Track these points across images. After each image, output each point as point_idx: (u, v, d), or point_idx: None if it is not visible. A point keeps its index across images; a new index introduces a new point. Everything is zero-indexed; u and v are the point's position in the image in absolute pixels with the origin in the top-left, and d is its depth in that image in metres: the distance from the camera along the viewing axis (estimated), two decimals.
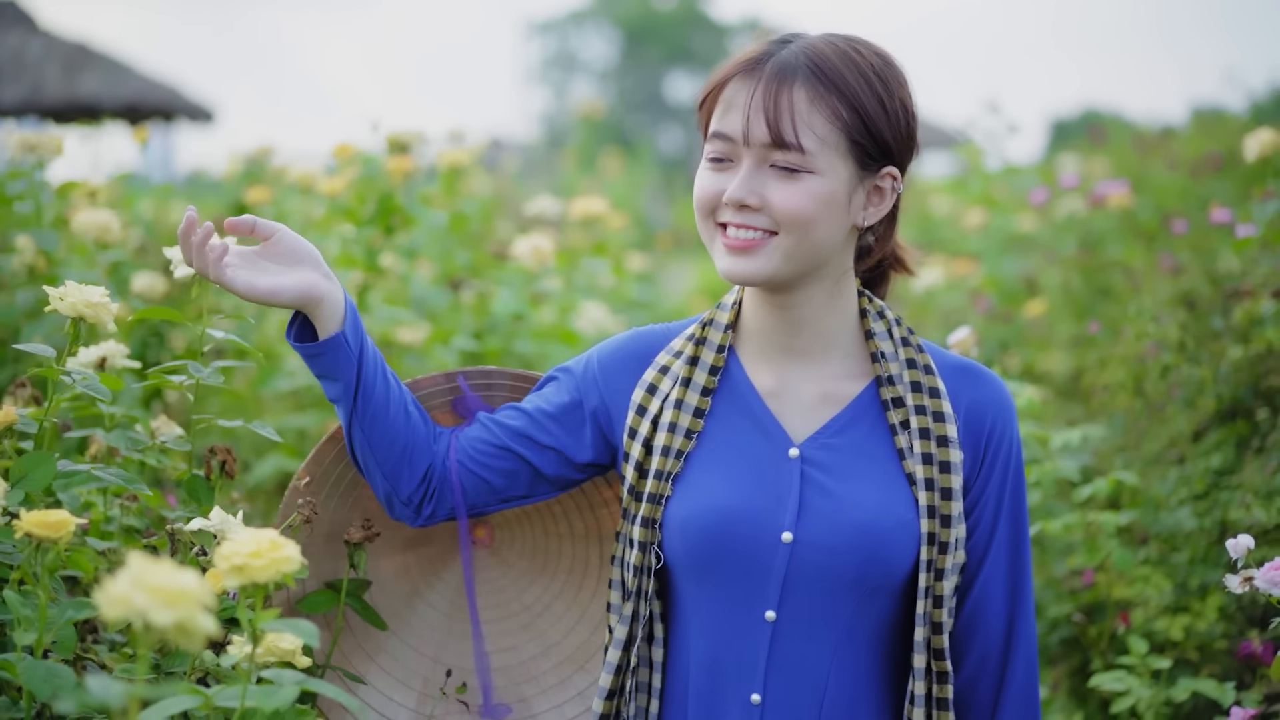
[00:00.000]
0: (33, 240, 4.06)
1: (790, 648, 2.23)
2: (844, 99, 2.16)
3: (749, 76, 2.18)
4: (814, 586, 2.21)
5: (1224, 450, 4.02)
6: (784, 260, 2.19)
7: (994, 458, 2.26)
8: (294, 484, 2.51)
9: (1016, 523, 2.29)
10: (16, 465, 2.37)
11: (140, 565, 1.48)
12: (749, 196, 2.17)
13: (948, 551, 2.20)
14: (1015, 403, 3.82)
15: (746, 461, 2.29)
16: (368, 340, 2.34)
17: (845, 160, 2.18)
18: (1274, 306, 3.99)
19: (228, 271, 2.22)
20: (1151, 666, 3.40)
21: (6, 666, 2.02)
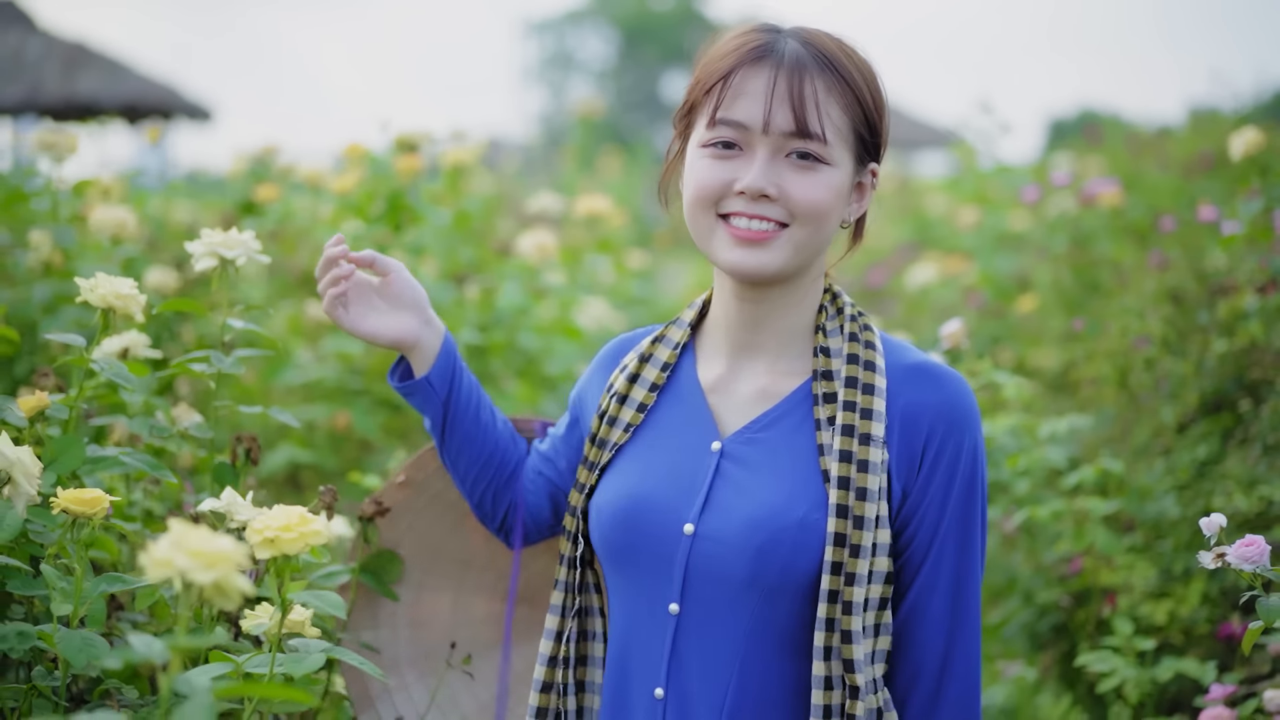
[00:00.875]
0: (49, 236, 4.16)
1: (694, 643, 2.17)
2: (852, 92, 2.16)
3: (761, 65, 2.15)
4: (712, 581, 2.15)
5: (1209, 441, 4.13)
6: (794, 253, 2.17)
7: (935, 465, 2.15)
8: (389, 483, 2.64)
9: (963, 537, 2.17)
10: (48, 449, 2.48)
11: (181, 530, 1.60)
12: (769, 186, 2.13)
13: (860, 555, 2.09)
14: (1000, 396, 3.94)
15: (670, 454, 2.26)
16: (462, 381, 2.49)
17: (850, 154, 2.18)
18: (1258, 302, 4.09)
19: (339, 308, 2.42)
20: (1136, 648, 3.51)
21: (44, 637, 2.13)
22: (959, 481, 2.16)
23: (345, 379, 4.82)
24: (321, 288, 2.42)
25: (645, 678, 2.20)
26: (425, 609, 2.69)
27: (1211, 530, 2.36)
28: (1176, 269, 4.75)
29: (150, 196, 6.64)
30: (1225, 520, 2.36)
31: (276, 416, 2.81)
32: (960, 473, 2.16)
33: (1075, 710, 3.92)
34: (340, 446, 4.75)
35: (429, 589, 2.69)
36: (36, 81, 16.68)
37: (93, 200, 4.53)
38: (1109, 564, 3.92)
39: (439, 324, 2.48)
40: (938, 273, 7.14)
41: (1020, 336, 6.33)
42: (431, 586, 2.69)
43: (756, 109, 2.13)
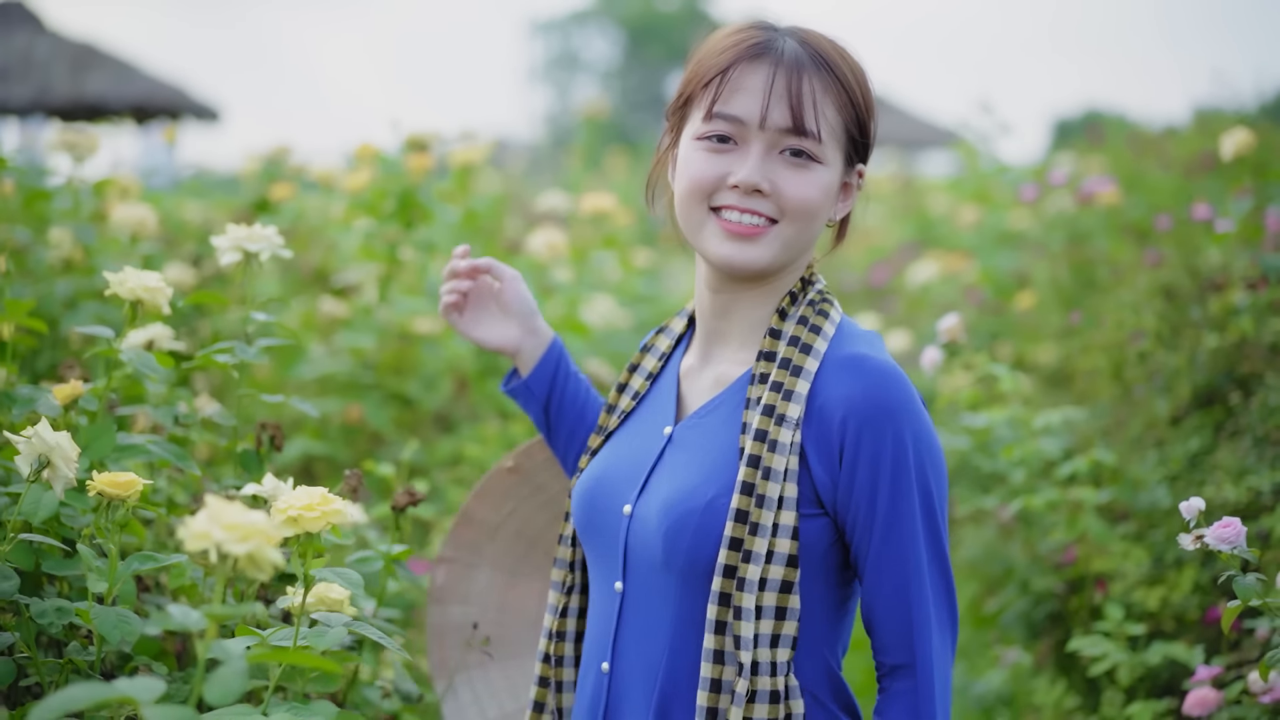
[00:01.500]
0: (70, 234, 4.27)
1: (634, 620, 2.22)
2: (846, 92, 2.18)
3: (759, 61, 2.17)
4: (643, 562, 2.20)
5: (1201, 434, 4.23)
6: (782, 249, 2.19)
7: (855, 459, 2.10)
8: (499, 465, 2.77)
9: (903, 533, 2.11)
10: (80, 437, 2.59)
11: (217, 505, 1.71)
12: (763, 181, 2.15)
13: (759, 534, 2.08)
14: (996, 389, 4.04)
15: (634, 439, 2.34)
16: (565, 385, 2.63)
17: (840, 154, 2.21)
18: (1249, 298, 4.19)
19: (454, 312, 2.64)
20: (1127, 633, 3.62)
21: (81, 614, 2.24)
22: (885, 476, 2.10)
23: (358, 373, 4.93)
24: (441, 291, 2.62)
25: (597, 652, 2.28)
26: (515, 594, 2.79)
27: (1191, 514, 2.47)
28: (1171, 266, 4.86)
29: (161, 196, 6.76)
30: (1204, 504, 2.46)
31: (297, 406, 2.92)
32: (886, 468, 2.10)
33: (1069, 694, 4.03)
34: (353, 439, 4.86)
35: (522, 576, 2.79)
36: (45, 82, 16.77)
37: (112, 199, 4.64)
38: (1103, 552, 4.03)
39: (546, 332, 2.64)
40: (938, 271, 7.26)
41: (1019, 332, 6.44)
42: (524, 574, 2.79)
43: (754, 104, 2.15)
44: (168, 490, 3.02)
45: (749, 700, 2.08)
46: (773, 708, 2.08)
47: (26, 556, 2.39)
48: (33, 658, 2.31)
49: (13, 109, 16.65)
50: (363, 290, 5.27)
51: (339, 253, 5.58)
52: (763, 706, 2.08)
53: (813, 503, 2.13)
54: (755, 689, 2.08)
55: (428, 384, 5.08)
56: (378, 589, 2.88)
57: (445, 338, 5.09)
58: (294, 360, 4.82)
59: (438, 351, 5.10)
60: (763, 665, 2.08)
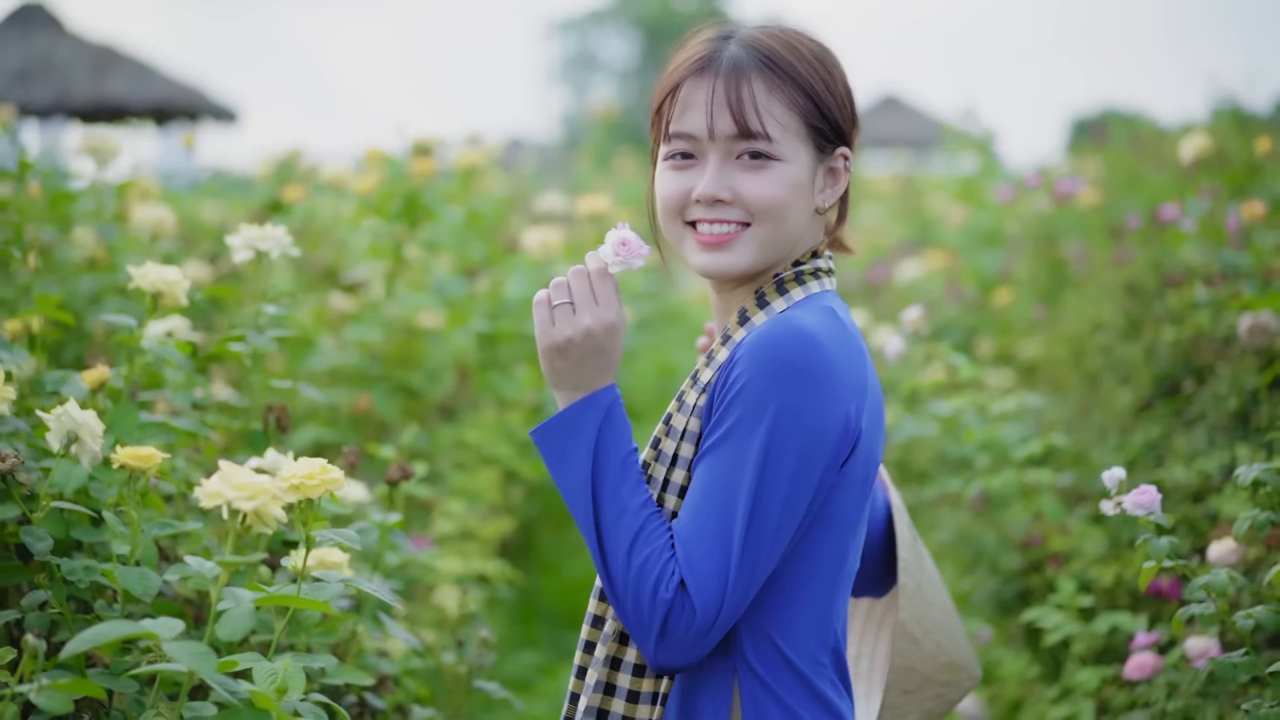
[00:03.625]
0: (94, 233, 4.55)
1: None
2: (797, 86, 2.18)
3: (703, 75, 2.20)
4: None
5: (1163, 422, 4.48)
6: (760, 250, 2.20)
7: (725, 393, 2.09)
8: None
9: (721, 461, 2.07)
10: (105, 417, 2.85)
11: (228, 468, 1.98)
12: (721, 190, 2.17)
13: (652, 485, 2.15)
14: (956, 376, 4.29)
15: None
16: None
17: (805, 145, 2.20)
18: (1207, 294, 4.44)
19: None
20: (1078, 605, 3.88)
21: (106, 574, 2.50)
22: (739, 411, 2.06)
23: (366, 365, 5.21)
24: None
25: None
26: None
27: (1112, 483, 2.72)
28: (1137, 263, 5.10)
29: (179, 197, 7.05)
30: (1125, 473, 2.71)
31: (305, 392, 3.19)
32: (743, 405, 2.06)
33: (1031, 665, 4.29)
34: (361, 427, 5.12)
35: None
36: (66, 84, 17.05)
37: (133, 200, 4.92)
38: (1063, 532, 4.28)
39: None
40: (924, 268, 7.54)
41: (997, 327, 6.70)
42: None
43: (700, 119, 2.18)
44: (185, 470, 3.28)
45: (618, 642, 2.16)
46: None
47: (58, 524, 2.64)
48: (63, 613, 2.57)
49: (34, 110, 16.92)
50: (370, 287, 5.55)
51: (349, 251, 5.86)
52: (631, 649, 2.15)
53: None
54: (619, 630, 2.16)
55: (432, 375, 5.36)
56: (380, 561, 3.15)
57: (448, 332, 5.37)
58: (305, 353, 5.10)
59: (441, 345, 5.38)
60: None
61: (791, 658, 2.13)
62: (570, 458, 2.12)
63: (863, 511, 2.21)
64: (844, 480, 2.14)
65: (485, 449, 4.91)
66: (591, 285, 2.15)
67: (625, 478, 2.08)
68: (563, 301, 2.14)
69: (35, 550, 2.50)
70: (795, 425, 2.05)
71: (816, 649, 2.16)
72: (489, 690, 3.40)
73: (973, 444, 4.31)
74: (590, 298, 2.14)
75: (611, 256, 2.17)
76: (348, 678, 2.69)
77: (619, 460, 2.10)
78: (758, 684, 2.12)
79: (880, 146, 26.53)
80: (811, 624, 2.15)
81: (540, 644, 6.13)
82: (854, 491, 2.16)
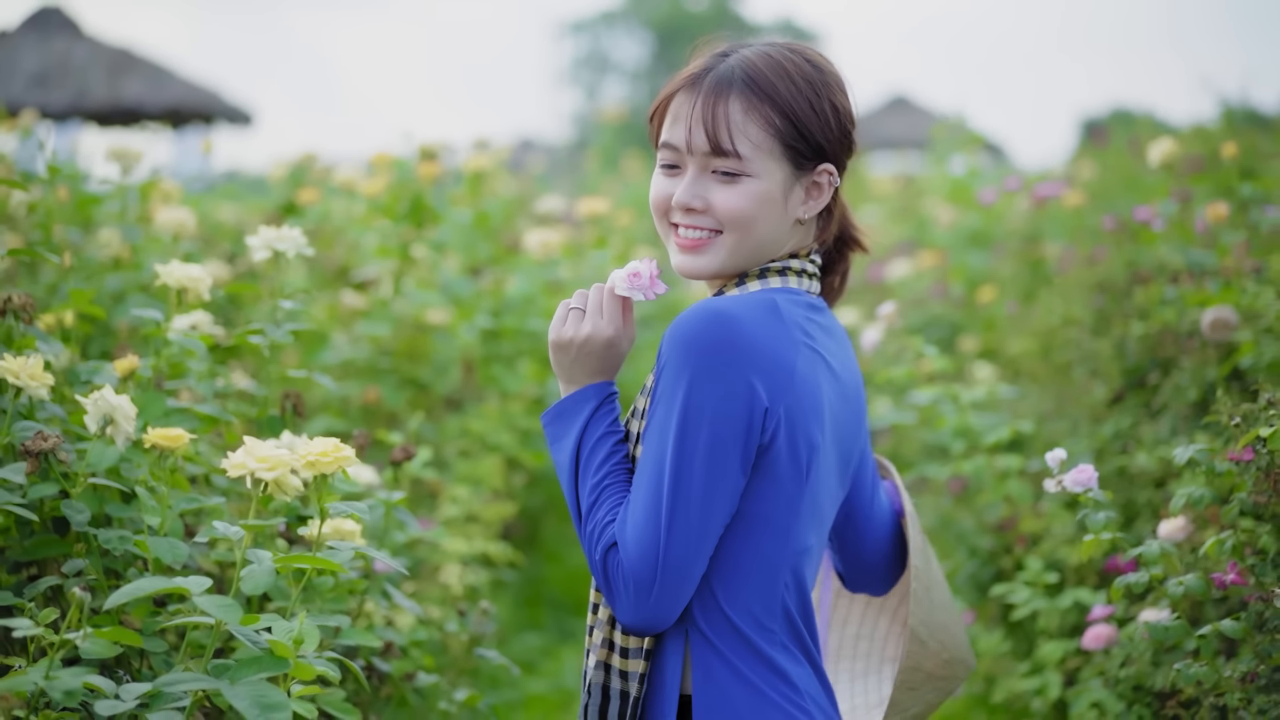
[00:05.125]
0: (118, 234, 4.82)
1: None
2: (776, 107, 2.32)
3: (691, 90, 2.35)
4: None
5: (1134, 414, 4.73)
6: (729, 256, 2.36)
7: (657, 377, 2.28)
8: None
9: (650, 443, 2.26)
10: (135, 403, 3.11)
11: (252, 442, 2.24)
12: (694, 200, 2.33)
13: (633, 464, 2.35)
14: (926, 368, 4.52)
15: None
16: None
17: (780, 162, 2.33)
18: (1175, 291, 4.68)
19: None
20: (1044, 582, 4.13)
21: (139, 545, 2.76)
22: (660, 390, 2.25)
23: (376, 359, 5.49)
24: None
25: None
26: None
27: (1054, 463, 2.96)
28: (1110, 262, 5.35)
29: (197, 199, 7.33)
30: (1066, 454, 2.95)
31: (319, 380, 3.44)
32: (657, 377, 2.27)
33: (1004, 641, 4.54)
34: (372, 418, 5.38)
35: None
36: (83, 87, 17.28)
37: (155, 203, 5.18)
38: (1035, 514, 4.54)
39: None
40: (913, 268, 7.81)
41: (983, 324, 6.96)
42: None
43: (682, 132, 2.35)
44: (208, 454, 3.54)
45: None
46: None
47: (93, 500, 2.90)
48: (99, 580, 2.82)
49: (51, 114, 17.13)
50: (380, 285, 5.82)
51: (361, 251, 6.13)
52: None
53: None
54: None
55: (439, 369, 5.63)
56: (388, 538, 3.41)
57: (455, 328, 5.65)
58: (319, 347, 5.36)
59: (448, 340, 5.65)
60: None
61: (736, 622, 2.28)
62: (563, 438, 2.37)
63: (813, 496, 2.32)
64: (772, 457, 2.26)
65: (489, 437, 5.18)
66: (603, 301, 2.38)
67: (599, 455, 2.32)
68: (576, 307, 2.39)
69: (74, 521, 2.75)
70: (706, 395, 2.20)
71: (762, 615, 2.29)
72: (489, 657, 3.66)
73: (948, 431, 4.57)
74: (598, 310, 2.37)
75: (621, 281, 2.38)
76: (358, 639, 2.95)
77: (596, 439, 2.33)
78: (706, 645, 2.28)
79: (889, 147, 26.47)
80: (755, 592, 2.29)
81: (545, 627, 6.39)
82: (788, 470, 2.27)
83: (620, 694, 2.31)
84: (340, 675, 2.47)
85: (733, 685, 2.27)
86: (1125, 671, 3.58)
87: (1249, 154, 5.92)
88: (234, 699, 2.15)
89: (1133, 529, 4.29)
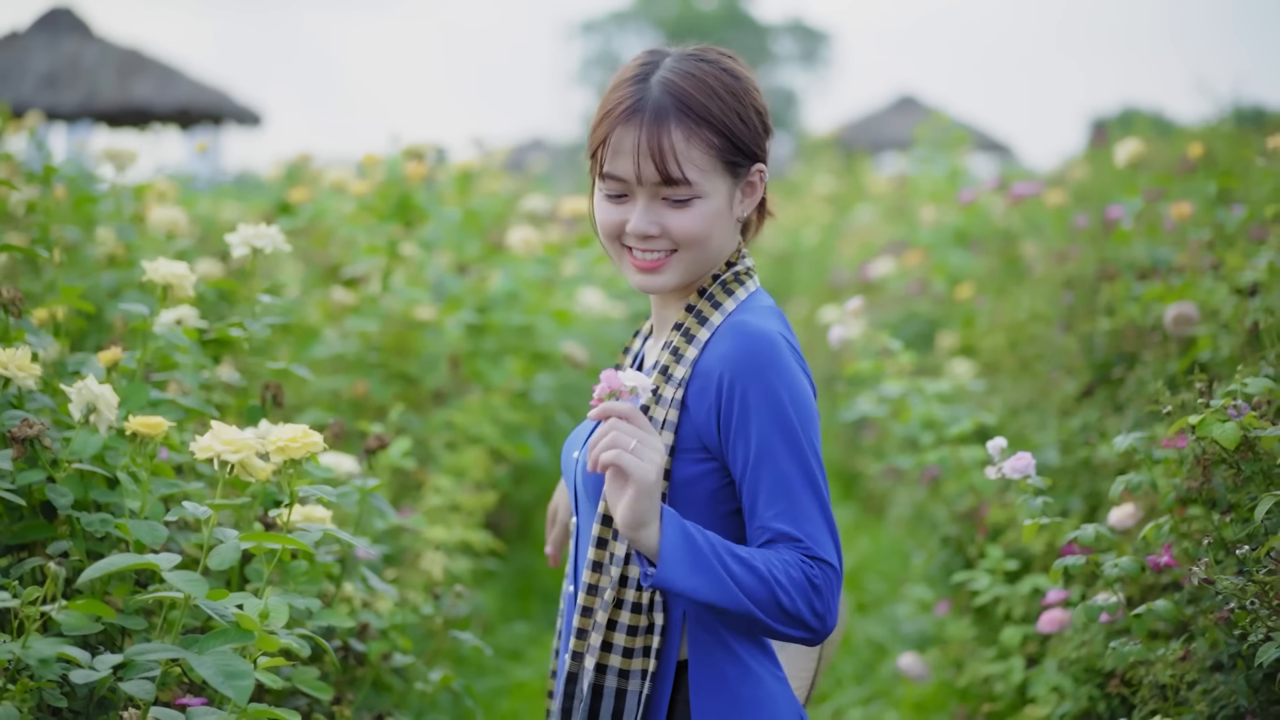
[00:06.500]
0: (114, 233, 4.97)
1: (579, 547, 2.59)
2: (712, 128, 2.43)
3: (629, 123, 2.43)
4: (581, 495, 2.58)
5: (1101, 407, 4.86)
6: (687, 270, 2.49)
7: (730, 411, 2.39)
8: None
9: (778, 467, 2.37)
10: (120, 393, 3.25)
11: (219, 427, 2.38)
12: (650, 228, 2.43)
13: None
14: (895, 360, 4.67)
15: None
16: None
17: (723, 177, 2.46)
18: (1143, 287, 4.81)
19: None
20: (1004, 569, 4.26)
21: (120, 527, 2.89)
22: (759, 421, 2.37)
23: (365, 354, 5.64)
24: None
25: (570, 578, 2.67)
26: None
27: (995, 450, 3.09)
28: (1081, 259, 5.48)
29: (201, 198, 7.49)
30: (1006, 442, 3.08)
31: (297, 372, 3.58)
32: (752, 412, 2.38)
33: (971, 628, 4.68)
34: (360, 411, 5.51)
35: None
36: (93, 88, 17.45)
37: (150, 202, 5.34)
38: (1000, 503, 4.67)
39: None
40: (896, 266, 7.97)
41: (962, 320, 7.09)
42: None
43: (629, 165, 2.42)
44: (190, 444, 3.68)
45: (615, 606, 2.43)
46: (635, 616, 2.42)
47: (78, 486, 3.03)
48: (84, 562, 2.96)
49: (62, 114, 17.33)
50: (369, 281, 5.97)
51: (354, 249, 6.28)
52: (625, 613, 2.42)
53: (699, 449, 2.44)
54: (622, 598, 2.43)
55: (427, 364, 5.78)
56: (368, 525, 3.54)
57: (442, 323, 5.80)
58: (310, 342, 5.51)
59: (437, 336, 5.80)
60: (631, 579, 2.43)
61: None
62: (697, 570, 2.30)
63: None
64: None
65: (472, 430, 5.33)
66: (637, 425, 2.31)
67: (724, 548, 2.33)
68: (630, 441, 2.29)
69: (58, 505, 2.90)
70: (800, 403, 2.40)
71: None
72: (463, 639, 3.79)
73: (916, 424, 4.70)
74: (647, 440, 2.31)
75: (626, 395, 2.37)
76: (331, 619, 3.08)
77: (714, 544, 2.33)
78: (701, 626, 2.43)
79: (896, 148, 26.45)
80: None
81: (533, 616, 6.54)
82: None
83: (616, 693, 2.44)
84: (310, 651, 2.60)
85: (724, 660, 2.42)
86: (1077, 653, 3.71)
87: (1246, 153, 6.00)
88: (200, 667, 2.28)
89: (1097, 517, 4.41)
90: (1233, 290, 4.22)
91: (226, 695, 2.26)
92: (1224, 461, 3.07)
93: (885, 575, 6.83)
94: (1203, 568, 2.92)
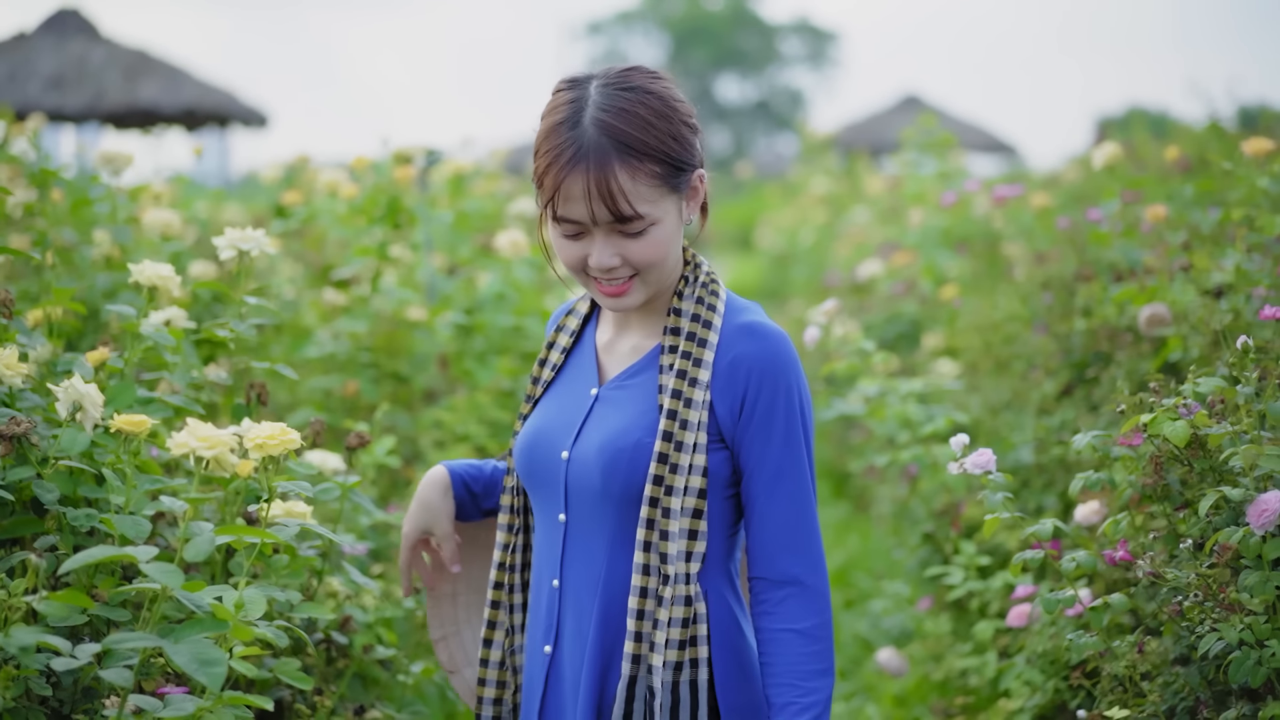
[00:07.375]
0: (109, 235, 5.06)
1: (576, 544, 2.70)
2: (652, 158, 2.54)
3: (575, 170, 2.51)
4: (583, 494, 2.67)
5: (1079, 406, 4.95)
6: (650, 288, 2.64)
7: (754, 405, 2.60)
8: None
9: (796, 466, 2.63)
10: (108, 392, 3.35)
11: (194, 423, 2.47)
12: (611, 259, 2.56)
13: (678, 472, 2.57)
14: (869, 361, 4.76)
15: (564, 399, 2.80)
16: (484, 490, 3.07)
17: (670, 197, 2.59)
18: (1118, 289, 4.89)
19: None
20: (977, 564, 4.35)
21: (105, 521, 2.98)
22: (780, 418, 2.60)
23: (355, 354, 5.74)
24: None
25: (548, 573, 2.75)
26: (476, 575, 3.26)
27: (958, 446, 3.18)
28: (1061, 261, 5.57)
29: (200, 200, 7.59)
30: (969, 438, 3.17)
31: (281, 371, 3.68)
32: (780, 411, 2.60)
33: (948, 623, 4.77)
34: (351, 410, 5.61)
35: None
36: (100, 89, 17.50)
37: (146, 204, 5.44)
38: (976, 501, 4.75)
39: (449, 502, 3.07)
40: (884, 267, 8.07)
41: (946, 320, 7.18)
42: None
43: (582, 209, 2.53)
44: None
45: (671, 604, 2.58)
46: (685, 608, 2.58)
47: (65, 483, 3.11)
48: (69, 555, 3.05)
49: (69, 116, 17.38)
50: (359, 282, 6.06)
51: (347, 250, 6.38)
52: (678, 608, 2.58)
53: (716, 438, 2.63)
54: (674, 595, 2.58)
55: (417, 364, 5.87)
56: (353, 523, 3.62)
57: (432, 324, 5.90)
58: (302, 342, 5.62)
59: (427, 336, 5.90)
60: (678, 576, 2.58)
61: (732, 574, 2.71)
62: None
63: None
64: None
65: (459, 428, 5.42)
66: None
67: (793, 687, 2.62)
68: None
69: (45, 500, 2.99)
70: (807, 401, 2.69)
71: (736, 576, 2.73)
72: None
73: (893, 422, 4.80)
74: None
75: None
76: (311, 612, 3.17)
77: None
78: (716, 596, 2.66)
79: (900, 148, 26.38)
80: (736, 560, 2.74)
81: None
82: None
83: (690, 684, 2.61)
84: (287, 642, 2.69)
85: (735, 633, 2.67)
86: (1044, 647, 3.79)
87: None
88: (175, 655, 2.37)
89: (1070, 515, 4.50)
90: (1201, 292, 4.31)
91: (201, 681, 2.35)
92: (1176, 459, 3.16)
93: (872, 572, 6.92)
94: (1148, 561, 3.01)
